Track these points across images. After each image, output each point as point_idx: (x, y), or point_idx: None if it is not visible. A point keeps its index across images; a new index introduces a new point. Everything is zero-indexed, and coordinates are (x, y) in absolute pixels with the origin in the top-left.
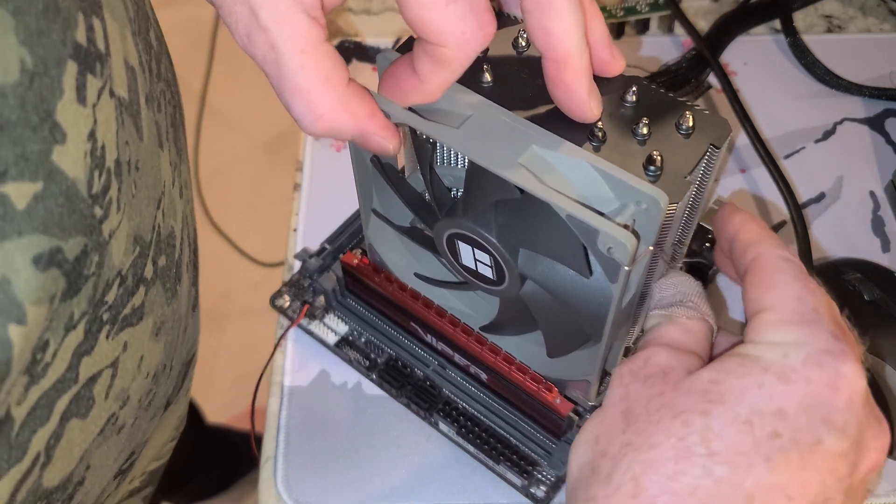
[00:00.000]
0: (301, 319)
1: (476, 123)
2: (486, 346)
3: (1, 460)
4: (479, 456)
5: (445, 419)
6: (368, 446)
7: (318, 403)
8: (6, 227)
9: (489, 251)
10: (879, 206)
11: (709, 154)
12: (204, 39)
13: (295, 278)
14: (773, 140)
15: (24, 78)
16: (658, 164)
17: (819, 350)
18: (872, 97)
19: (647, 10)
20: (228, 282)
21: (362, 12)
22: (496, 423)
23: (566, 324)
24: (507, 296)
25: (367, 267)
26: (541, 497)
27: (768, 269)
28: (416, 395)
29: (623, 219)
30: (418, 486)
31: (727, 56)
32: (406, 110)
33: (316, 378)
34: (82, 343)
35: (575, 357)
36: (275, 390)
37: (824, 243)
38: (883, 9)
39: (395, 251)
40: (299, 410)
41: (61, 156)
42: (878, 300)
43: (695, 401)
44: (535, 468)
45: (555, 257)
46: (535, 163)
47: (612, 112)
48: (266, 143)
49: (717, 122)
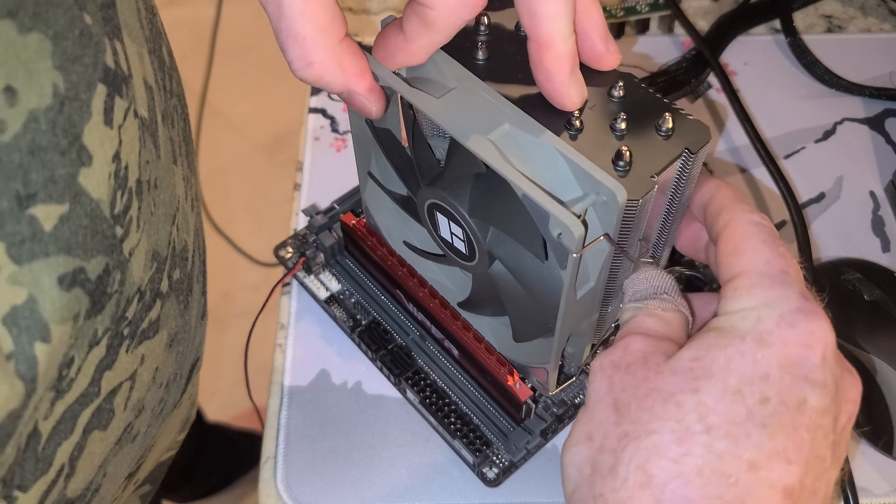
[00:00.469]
0: (297, 270)
1: (457, 96)
2: (458, 322)
3: (28, 473)
4: (439, 428)
5: (413, 388)
6: (368, 446)
7: (318, 403)
8: (34, 248)
9: (461, 224)
10: (879, 206)
11: (683, 158)
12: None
13: (301, 232)
14: (773, 140)
15: (55, 102)
16: (627, 160)
17: (790, 310)
18: (872, 97)
19: (647, 10)
20: (229, 282)
21: (362, 12)
22: (461, 400)
23: (532, 309)
24: (478, 273)
25: (363, 228)
26: (491, 478)
27: (739, 235)
28: (392, 360)
29: (579, 208)
30: (418, 486)
31: (727, 56)
32: (392, 74)
33: (316, 378)
34: (104, 358)
35: (538, 344)
36: (275, 390)
37: (824, 243)
38: (883, 9)
39: (388, 217)
40: (299, 410)
41: (87, 178)
42: (878, 300)
43: (682, 380)
44: (490, 449)
45: (515, 238)
46: (504, 140)
47: (596, 105)
48: (266, 143)
49: (697, 127)
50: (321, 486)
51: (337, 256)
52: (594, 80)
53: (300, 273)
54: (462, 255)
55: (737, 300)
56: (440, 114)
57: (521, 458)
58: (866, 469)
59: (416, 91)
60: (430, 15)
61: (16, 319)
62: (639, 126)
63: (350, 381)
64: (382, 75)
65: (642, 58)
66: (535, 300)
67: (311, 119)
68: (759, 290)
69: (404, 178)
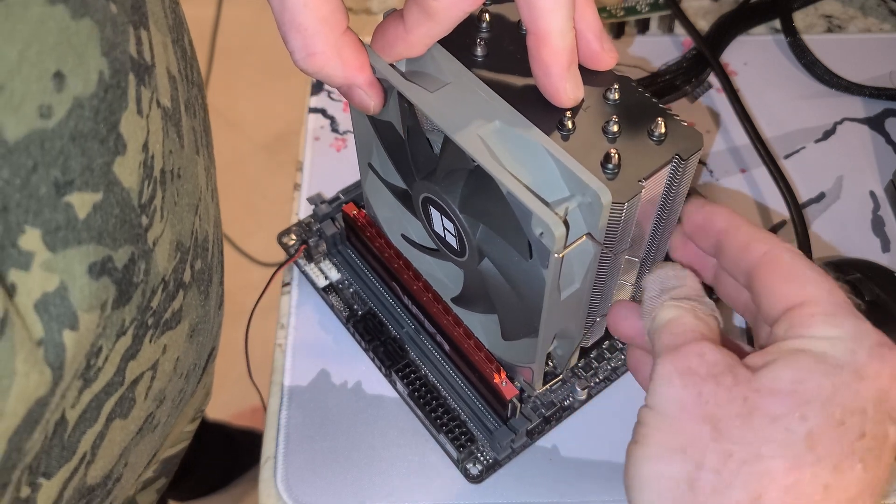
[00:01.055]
0: (298, 256)
1: (451, 91)
2: (450, 317)
3: (53, 460)
4: (425, 422)
5: (403, 380)
6: (368, 446)
7: (318, 403)
8: (68, 236)
9: (452, 219)
10: (879, 206)
11: (674, 164)
12: (204, 39)
13: (305, 221)
14: (773, 140)
15: (99, 89)
16: (615, 163)
17: (876, 343)
18: (872, 97)
19: (647, 10)
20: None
21: (362, 12)
22: (450, 395)
23: (519, 308)
24: (468, 269)
25: (364, 219)
26: (474, 475)
27: (789, 264)
28: (384, 352)
29: (563, 209)
30: (418, 486)
31: (727, 56)
32: (389, 66)
33: (316, 378)
34: (130, 347)
35: (526, 343)
36: (275, 390)
37: (824, 243)
38: (883, 9)
39: (387, 209)
40: (299, 410)
41: (120, 166)
42: (878, 300)
43: (787, 404)
44: (475, 445)
45: (502, 235)
46: (493, 137)
47: (590, 106)
48: (266, 142)
49: (690, 134)
50: (321, 486)
51: (338, 246)
52: (591, 81)
53: (301, 260)
54: (453, 251)
55: (816, 327)
56: (432, 108)
57: (506, 456)
58: None
59: (411, 84)
60: (432, 5)
61: (47, 306)
62: (632, 129)
63: (350, 381)
64: (380, 67)
65: (642, 58)
66: (522, 299)
67: (311, 119)
68: (837, 319)
69: (401, 170)
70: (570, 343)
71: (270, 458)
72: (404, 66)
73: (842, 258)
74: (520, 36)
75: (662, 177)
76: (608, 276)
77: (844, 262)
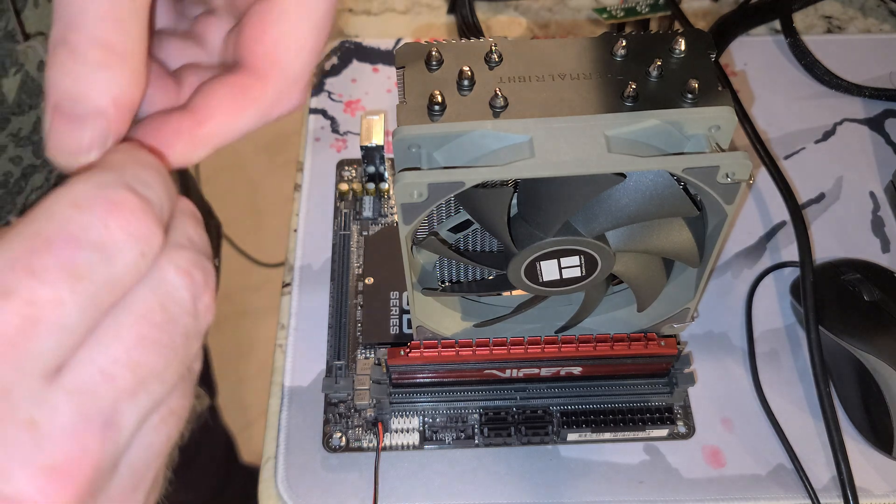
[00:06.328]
0: (383, 441)
1: (539, 144)
2: (577, 341)
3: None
4: (618, 437)
5: (570, 428)
6: None
7: (318, 403)
8: None
9: (579, 252)
10: (879, 207)
11: (714, 62)
12: None
13: (331, 412)
14: (773, 140)
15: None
16: (695, 90)
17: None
18: (872, 97)
19: (647, 10)
20: (228, 282)
21: (362, 13)
22: (613, 402)
23: (650, 272)
24: (597, 281)
25: (418, 350)
26: (684, 432)
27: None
28: (528, 428)
29: (711, 148)
30: (418, 486)
31: (727, 57)
32: (467, 169)
33: (316, 378)
34: None
35: (664, 297)
36: (275, 390)
37: (824, 243)
38: (883, 9)
39: (444, 317)
40: (299, 410)
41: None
42: (878, 300)
43: None
44: (666, 413)
45: (655, 215)
46: (617, 145)
47: (606, 69)
48: (266, 143)
49: (695, 34)
50: (321, 486)
51: (393, 399)
52: (586, 54)
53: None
54: (575, 280)
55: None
56: (546, 167)
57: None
58: (866, 469)
59: (511, 164)
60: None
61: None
62: (661, 62)
63: None
64: (453, 176)
65: None
66: (656, 262)
67: (311, 120)
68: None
69: (486, 265)
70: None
71: (270, 458)
72: (438, 159)
73: (842, 258)
74: (498, 61)
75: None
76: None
77: (844, 262)
